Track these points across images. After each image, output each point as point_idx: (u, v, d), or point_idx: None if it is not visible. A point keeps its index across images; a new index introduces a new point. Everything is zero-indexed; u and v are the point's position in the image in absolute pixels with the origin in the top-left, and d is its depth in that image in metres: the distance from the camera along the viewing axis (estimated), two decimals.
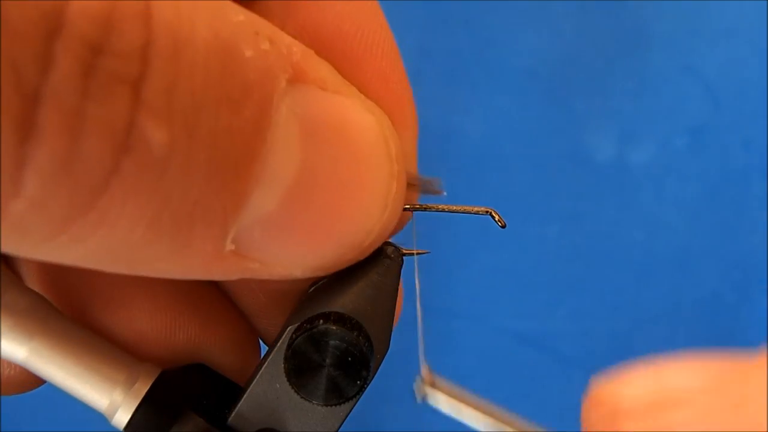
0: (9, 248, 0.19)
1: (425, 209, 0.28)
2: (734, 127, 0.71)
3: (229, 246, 0.21)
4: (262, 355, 0.27)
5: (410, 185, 0.27)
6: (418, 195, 0.28)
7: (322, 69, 0.23)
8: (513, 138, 0.71)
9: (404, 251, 0.27)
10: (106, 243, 0.19)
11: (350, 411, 0.26)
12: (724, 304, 0.68)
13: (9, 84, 0.17)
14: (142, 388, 0.28)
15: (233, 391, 0.28)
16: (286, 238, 0.23)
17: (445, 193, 0.28)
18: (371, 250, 0.25)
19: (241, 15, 0.21)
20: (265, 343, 0.32)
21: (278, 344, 0.26)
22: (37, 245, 0.19)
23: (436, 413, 0.26)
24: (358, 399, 0.25)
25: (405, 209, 0.27)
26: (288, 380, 0.25)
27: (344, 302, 0.25)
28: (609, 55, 0.73)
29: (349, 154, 0.23)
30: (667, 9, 0.73)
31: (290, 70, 0.21)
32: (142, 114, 0.18)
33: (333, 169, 0.23)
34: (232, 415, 0.27)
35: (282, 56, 0.21)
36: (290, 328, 0.25)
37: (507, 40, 0.72)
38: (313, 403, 0.25)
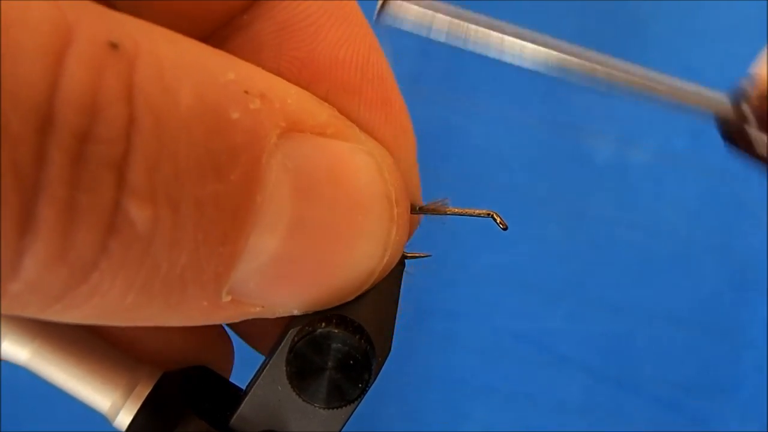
0: (10, 315, 0.20)
1: (427, 212, 0.28)
2: None
3: (226, 297, 0.21)
4: (264, 358, 0.27)
5: (418, 210, 0.27)
6: (419, 219, 0.28)
7: (320, 114, 0.23)
8: (513, 138, 0.71)
9: (405, 255, 0.27)
10: (100, 308, 0.19)
11: (352, 414, 0.26)
12: (724, 304, 0.68)
13: (9, 184, 0.17)
14: (144, 391, 0.28)
15: (235, 393, 0.28)
16: (284, 287, 0.22)
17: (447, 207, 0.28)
18: (372, 284, 0.25)
19: (231, 73, 0.20)
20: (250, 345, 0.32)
21: (280, 347, 0.26)
22: (34, 314, 0.19)
23: (436, 413, 0.26)
24: (360, 402, 0.25)
25: (410, 212, 0.27)
26: (290, 383, 0.25)
27: (346, 305, 0.25)
28: (608, 54, 0.72)
29: (345, 202, 0.23)
30: (666, 9, 0.73)
31: (283, 123, 0.21)
32: (126, 196, 0.18)
33: (328, 219, 0.22)
34: (234, 417, 0.27)
35: (273, 111, 0.21)
36: (292, 331, 0.25)
37: None
38: (315, 406, 0.25)
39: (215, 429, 0.27)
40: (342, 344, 0.24)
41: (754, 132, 0.24)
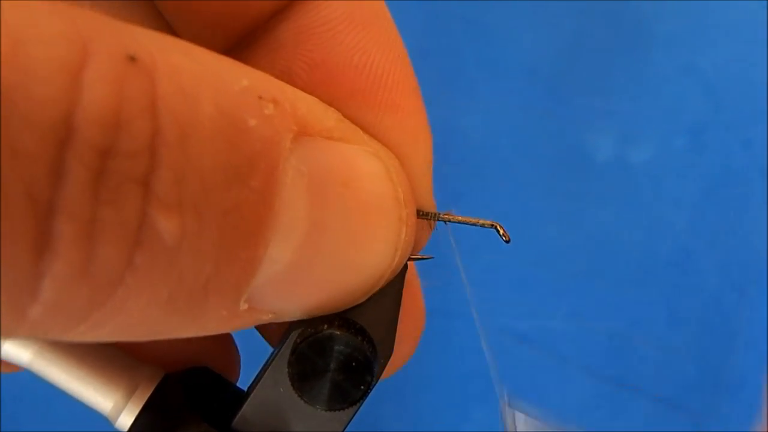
0: (31, 338, 0.20)
1: (431, 218, 0.28)
2: (734, 127, 0.71)
3: (243, 306, 0.21)
4: (266, 360, 0.27)
5: (423, 215, 0.27)
6: (433, 227, 0.28)
7: (327, 118, 0.23)
8: (513, 138, 0.71)
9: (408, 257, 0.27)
10: (124, 325, 0.19)
11: (354, 416, 0.26)
12: (724, 304, 0.68)
13: (21, 204, 0.16)
14: (146, 392, 0.28)
15: (237, 395, 0.28)
16: (298, 292, 0.23)
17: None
18: (382, 285, 0.25)
19: (244, 79, 0.20)
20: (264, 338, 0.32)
21: (282, 348, 0.26)
22: (57, 336, 0.19)
23: (436, 413, 0.26)
24: (362, 404, 0.25)
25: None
26: (292, 385, 0.25)
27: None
28: (609, 55, 0.72)
29: (357, 205, 0.23)
30: (667, 9, 0.73)
31: (294, 128, 0.21)
32: (153, 208, 0.18)
33: (342, 222, 0.23)
34: (236, 419, 0.27)
35: (286, 116, 0.21)
36: (294, 333, 0.25)
37: (507, 40, 0.72)
38: (317, 408, 0.25)
39: (217, 430, 0.27)
40: (344, 346, 0.25)
41: None
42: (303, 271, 0.22)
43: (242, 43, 0.27)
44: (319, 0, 0.26)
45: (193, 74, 0.19)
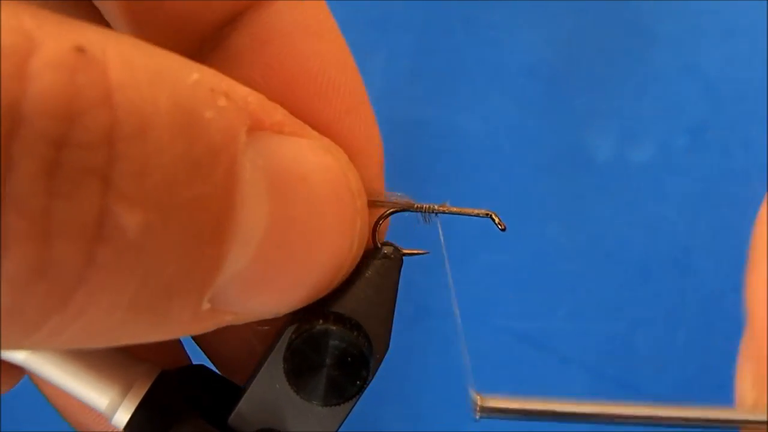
0: None
1: (426, 211, 0.28)
2: (734, 127, 0.71)
3: (206, 306, 0.21)
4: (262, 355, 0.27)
5: (378, 204, 0.27)
6: (429, 220, 0.29)
7: (276, 113, 0.23)
8: (513, 137, 0.71)
9: (403, 251, 0.27)
10: (85, 331, 0.19)
11: (350, 411, 0.26)
12: (724, 304, 0.68)
13: None
14: (142, 389, 0.28)
15: (233, 391, 0.28)
16: (261, 291, 0.22)
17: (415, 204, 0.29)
18: (341, 280, 0.25)
19: (195, 73, 0.20)
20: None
21: (277, 344, 0.26)
22: (11, 347, 0.19)
23: (436, 413, 0.26)
24: (358, 399, 0.25)
25: (409, 210, 0.28)
26: (287, 380, 0.25)
27: (343, 302, 0.25)
28: (609, 54, 0.72)
29: (314, 198, 0.23)
30: (667, 9, 0.73)
31: (248, 121, 0.21)
32: (114, 201, 0.17)
33: (301, 216, 0.22)
34: (232, 415, 0.27)
35: (239, 109, 0.21)
36: (289, 329, 0.25)
37: (507, 40, 0.72)
38: (313, 404, 0.25)
39: (213, 427, 0.27)
40: (339, 341, 0.24)
41: None
42: (265, 267, 0.22)
43: (197, 53, 0.27)
44: (270, 9, 0.26)
45: (147, 67, 0.19)
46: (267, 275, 0.22)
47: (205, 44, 0.27)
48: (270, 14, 0.26)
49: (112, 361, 0.28)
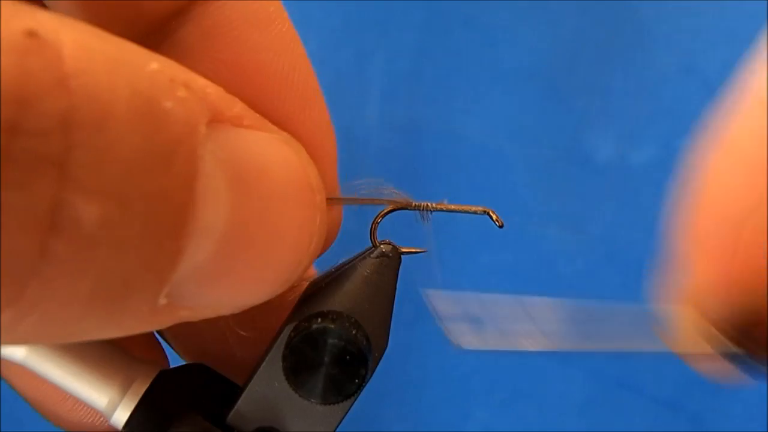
0: None
1: (424, 209, 0.28)
2: None
3: (163, 300, 0.20)
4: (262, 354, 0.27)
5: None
6: (427, 218, 0.28)
7: (235, 105, 0.23)
8: (513, 138, 0.71)
9: (402, 250, 0.27)
10: (40, 325, 0.18)
11: (349, 409, 0.26)
12: None
13: None
14: (141, 387, 0.28)
15: (232, 390, 0.28)
16: (219, 286, 0.22)
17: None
18: (301, 277, 0.25)
19: (153, 62, 0.19)
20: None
21: (276, 343, 0.26)
22: None
23: (436, 413, 0.26)
24: (357, 397, 0.25)
25: (407, 209, 0.28)
26: (286, 379, 0.25)
27: (342, 300, 0.25)
28: (609, 55, 0.72)
29: (274, 192, 0.23)
30: (667, 9, 0.73)
31: (207, 113, 0.21)
32: (71, 191, 0.17)
33: (261, 209, 0.22)
34: (231, 414, 0.27)
35: (199, 100, 0.20)
36: (288, 327, 0.25)
37: (507, 40, 0.72)
38: (312, 402, 0.25)
39: (212, 425, 0.27)
40: (338, 339, 0.24)
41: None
42: (224, 261, 0.21)
43: (145, 45, 0.26)
44: (219, 1, 0.26)
45: (104, 54, 0.18)
46: (225, 270, 0.22)
47: (151, 38, 0.26)
48: (220, 6, 0.26)
49: (111, 360, 0.28)
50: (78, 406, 0.30)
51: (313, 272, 0.29)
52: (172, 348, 0.32)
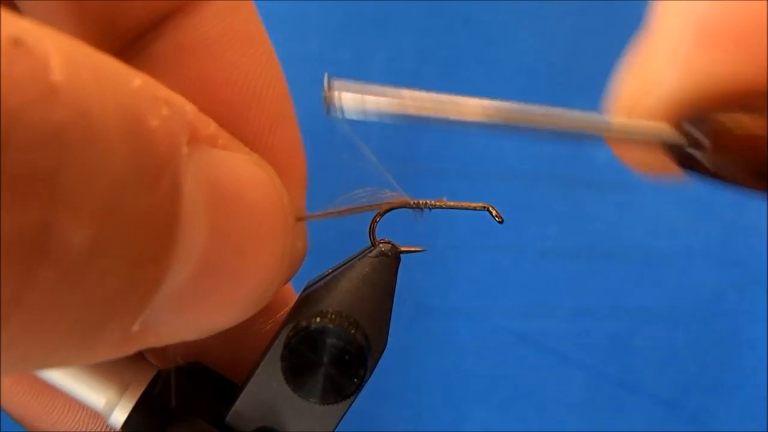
0: None
1: (424, 206, 0.28)
2: None
3: (136, 327, 0.20)
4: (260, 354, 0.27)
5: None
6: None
7: (210, 124, 0.22)
8: (512, 138, 0.71)
9: (401, 249, 0.27)
10: (17, 359, 0.17)
11: (348, 409, 0.26)
12: (724, 304, 0.68)
13: None
14: (139, 388, 0.28)
15: (231, 390, 0.28)
16: (191, 310, 0.21)
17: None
18: (270, 298, 0.24)
19: (136, 78, 0.19)
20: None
21: (275, 343, 0.26)
22: None
23: (436, 413, 0.26)
24: (356, 397, 0.25)
25: (406, 208, 0.28)
26: (285, 379, 0.25)
27: (341, 300, 0.25)
28: (609, 55, 0.72)
29: (249, 215, 0.22)
30: None
31: (187, 132, 0.20)
32: (61, 213, 0.15)
33: (235, 233, 0.21)
34: (230, 413, 0.27)
35: (180, 118, 0.20)
36: (287, 327, 0.25)
37: (507, 40, 0.72)
38: (311, 402, 0.25)
39: (211, 425, 0.27)
40: (337, 339, 0.24)
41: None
42: (200, 286, 0.21)
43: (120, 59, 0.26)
44: (195, 15, 0.25)
45: (91, 67, 0.17)
46: (199, 295, 0.21)
47: (125, 51, 0.25)
48: (195, 21, 0.25)
49: (108, 361, 0.28)
50: (62, 419, 0.30)
51: (291, 292, 0.29)
52: (169, 349, 0.32)
